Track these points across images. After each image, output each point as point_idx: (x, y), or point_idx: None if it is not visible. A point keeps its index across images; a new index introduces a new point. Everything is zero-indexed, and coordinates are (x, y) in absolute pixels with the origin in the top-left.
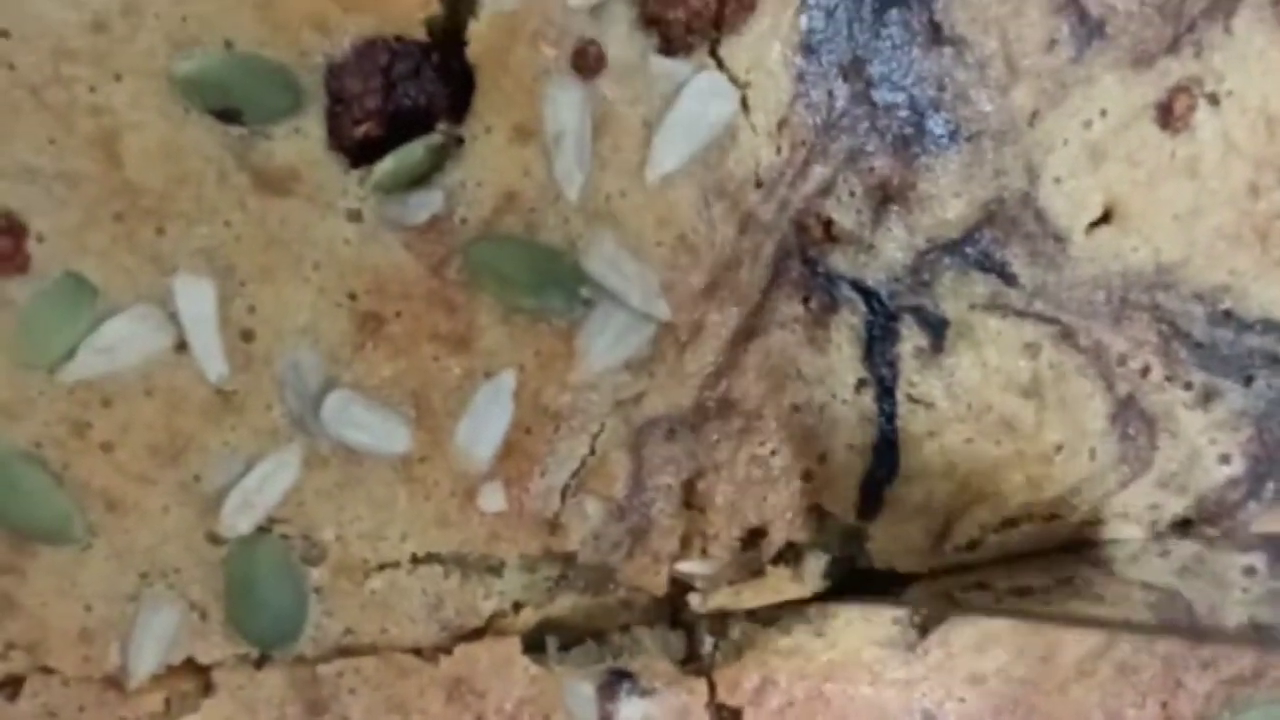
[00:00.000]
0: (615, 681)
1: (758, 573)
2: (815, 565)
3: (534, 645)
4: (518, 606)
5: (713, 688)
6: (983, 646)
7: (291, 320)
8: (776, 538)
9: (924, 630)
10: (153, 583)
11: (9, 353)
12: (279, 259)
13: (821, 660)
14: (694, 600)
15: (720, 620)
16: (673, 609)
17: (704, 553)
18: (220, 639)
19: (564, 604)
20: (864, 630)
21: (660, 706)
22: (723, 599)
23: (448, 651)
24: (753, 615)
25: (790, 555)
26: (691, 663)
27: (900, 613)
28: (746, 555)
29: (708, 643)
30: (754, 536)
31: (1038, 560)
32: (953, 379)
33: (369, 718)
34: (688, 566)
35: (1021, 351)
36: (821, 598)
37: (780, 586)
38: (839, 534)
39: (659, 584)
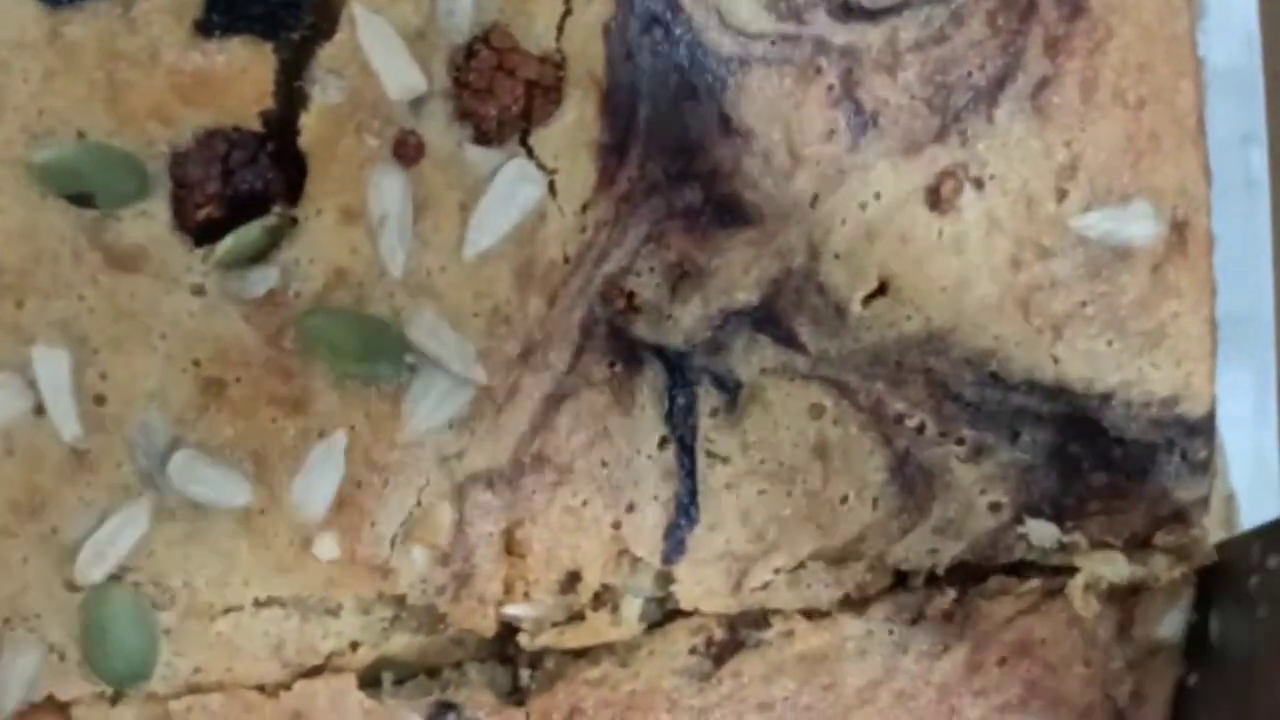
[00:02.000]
0: (441, 713)
1: (579, 615)
2: (630, 609)
3: (371, 681)
4: (355, 645)
5: (528, 717)
6: (770, 677)
7: (140, 386)
8: (591, 580)
9: (719, 661)
10: (15, 627)
11: None
12: (129, 330)
13: (625, 690)
14: (522, 640)
15: (540, 655)
16: (502, 647)
17: (526, 596)
18: (78, 678)
19: (399, 643)
20: (664, 661)
21: None
22: (547, 639)
23: (288, 688)
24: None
25: (609, 598)
26: (514, 695)
27: (698, 641)
28: (567, 598)
29: (524, 675)
30: (571, 580)
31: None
32: (747, 436)
33: None
34: (513, 610)
35: (808, 411)
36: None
37: (600, 629)
38: (652, 578)
39: (487, 626)
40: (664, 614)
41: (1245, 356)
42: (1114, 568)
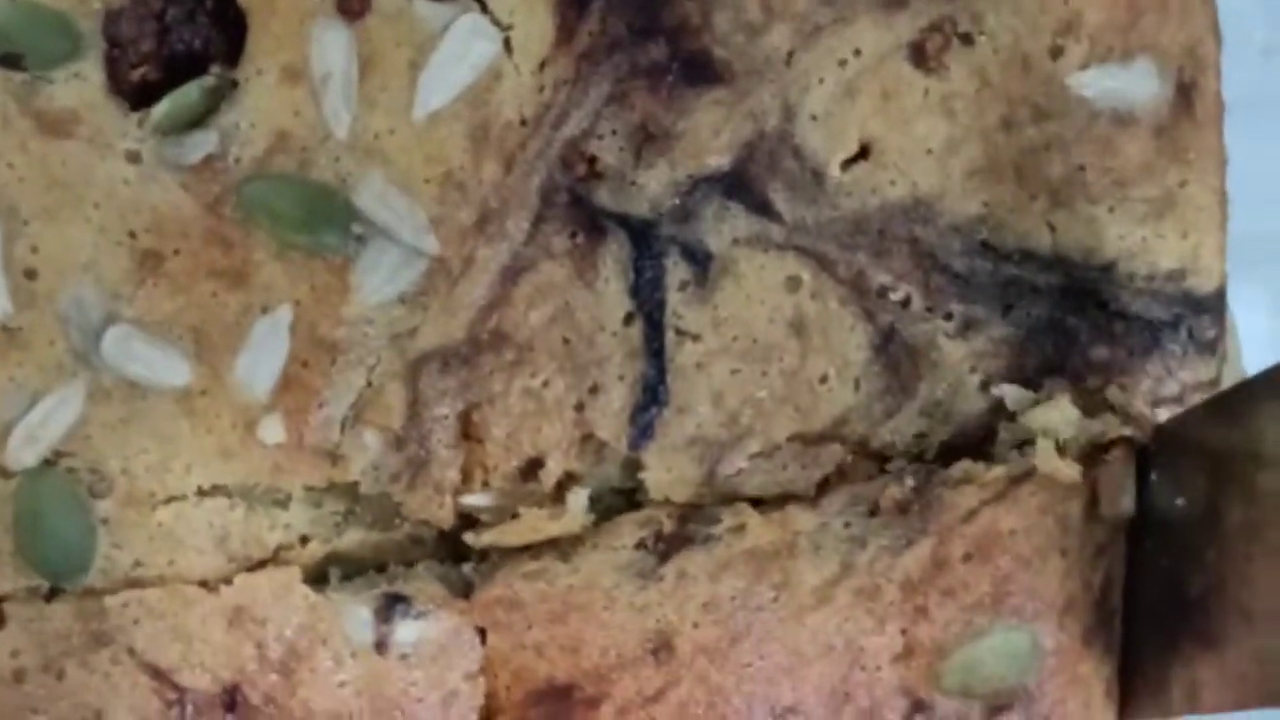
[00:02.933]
0: (390, 605)
1: (540, 504)
2: (576, 501)
3: (318, 578)
4: (304, 540)
5: (473, 610)
6: (718, 575)
7: (73, 258)
8: (554, 468)
9: (664, 557)
10: None
11: None
12: (61, 199)
13: (563, 584)
14: (468, 537)
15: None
16: (455, 547)
17: (485, 484)
18: (10, 571)
19: (351, 539)
20: (607, 556)
21: (434, 628)
22: (490, 536)
23: (229, 582)
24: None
25: (572, 486)
26: (466, 591)
27: (645, 535)
28: (528, 486)
29: (467, 567)
30: (533, 467)
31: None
32: (718, 311)
33: (152, 647)
34: (471, 499)
35: (784, 285)
36: None
37: (539, 524)
38: (619, 465)
39: (444, 517)
40: (630, 506)
41: (1261, 275)
42: (1064, 417)
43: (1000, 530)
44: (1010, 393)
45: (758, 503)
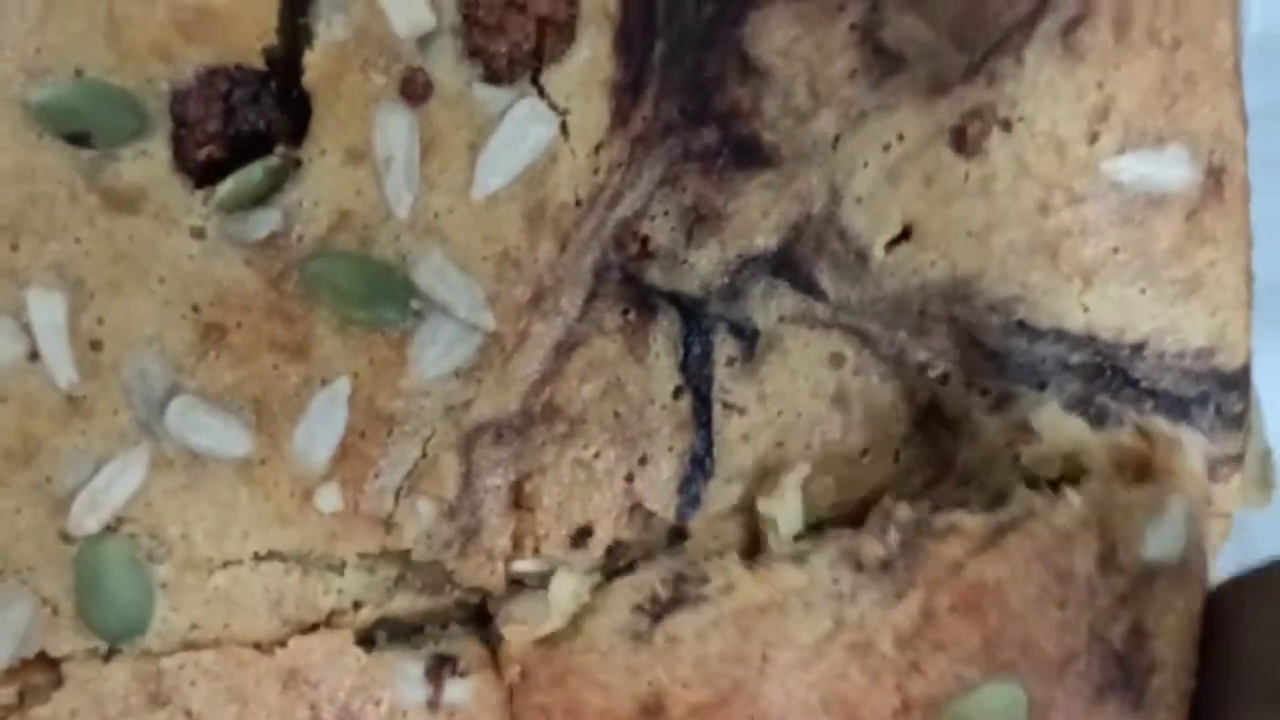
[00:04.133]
0: (440, 664)
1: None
2: (559, 588)
3: (364, 639)
4: (357, 605)
5: (500, 672)
6: (706, 635)
7: (138, 330)
8: (603, 535)
9: (656, 619)
10: (6, 579)
11: None
12: (126, 273)
13: (564, 647)
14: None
15: None
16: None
17: (536, 551)
18: (70, 633)
19: (401, 604)
20: (606, 619)
21: (482, 685)
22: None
23: (283, 644)
24: None
25: (622, 554)
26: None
27: (642, 598)
28: (578, 553)
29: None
30: (583, 535)
31: None
32: (764, 386)
33: (209, 708)
34: (523, 565)
35: (828, 361)
36: None
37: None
38: (666, 534)
39: (495, 583)
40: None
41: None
42: (1066, 428)
43: (987, 582)
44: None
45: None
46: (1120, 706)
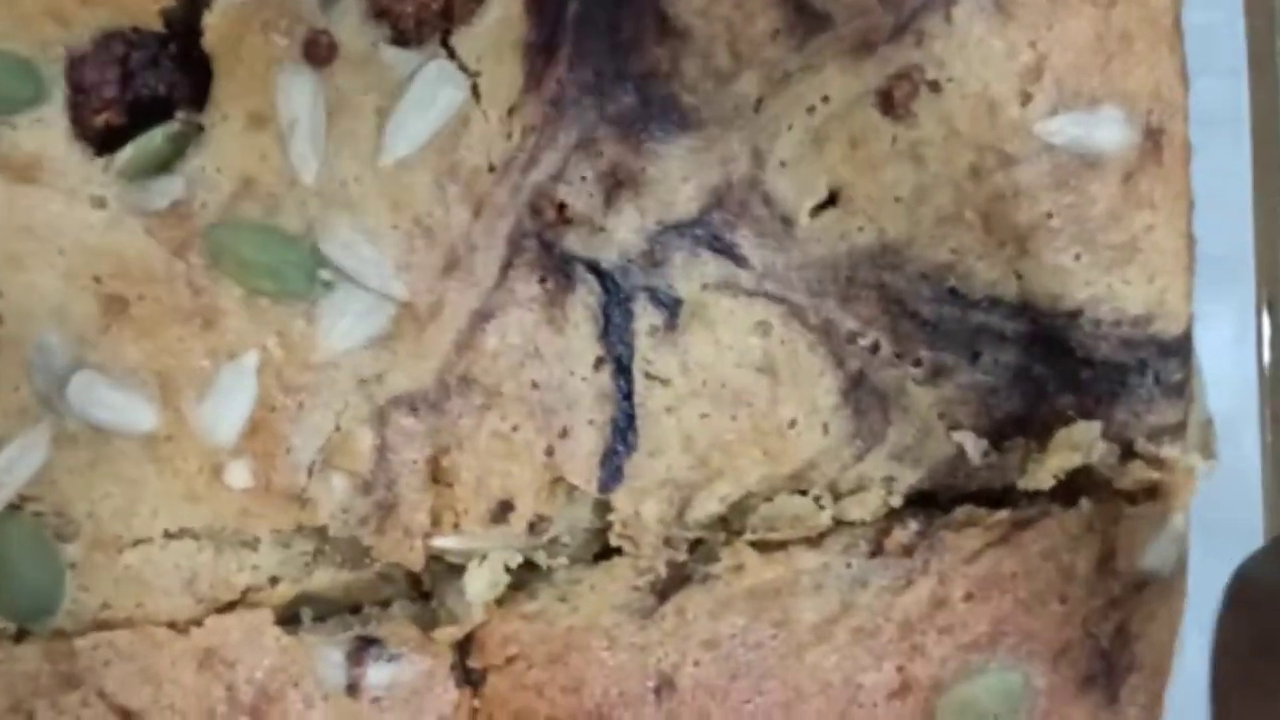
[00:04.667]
0: (363, 648)
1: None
2: (473, 581)
3: (289, 619)
4: (274, 580)
5: (464, 652)
6: (717, 613)
7: (39, 304)
8: (524, 510)
9: (663, 596)
10: None
11: None
12: (25, 246)
13: (563, 625)
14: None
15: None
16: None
17: (456, 527)
18: None
19: (321, 579)
20: (605, 596)
21: (408, 670)
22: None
23: (199, 624)
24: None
25: (543, 528)
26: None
27: (641, 579)
28: (498, 528)
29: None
30: (503, 510)
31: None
32: (687, 356)
33: (123, 689)
34: (443, 541)
35: (753, 330)
36: None
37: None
38: (590, 507)
39: (414, 560)
40: (602, 548)
41: (1225, 291)
42: (1086, 434)
43: (1002, 572)
44: (969, 441)
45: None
46: (1098, 699)
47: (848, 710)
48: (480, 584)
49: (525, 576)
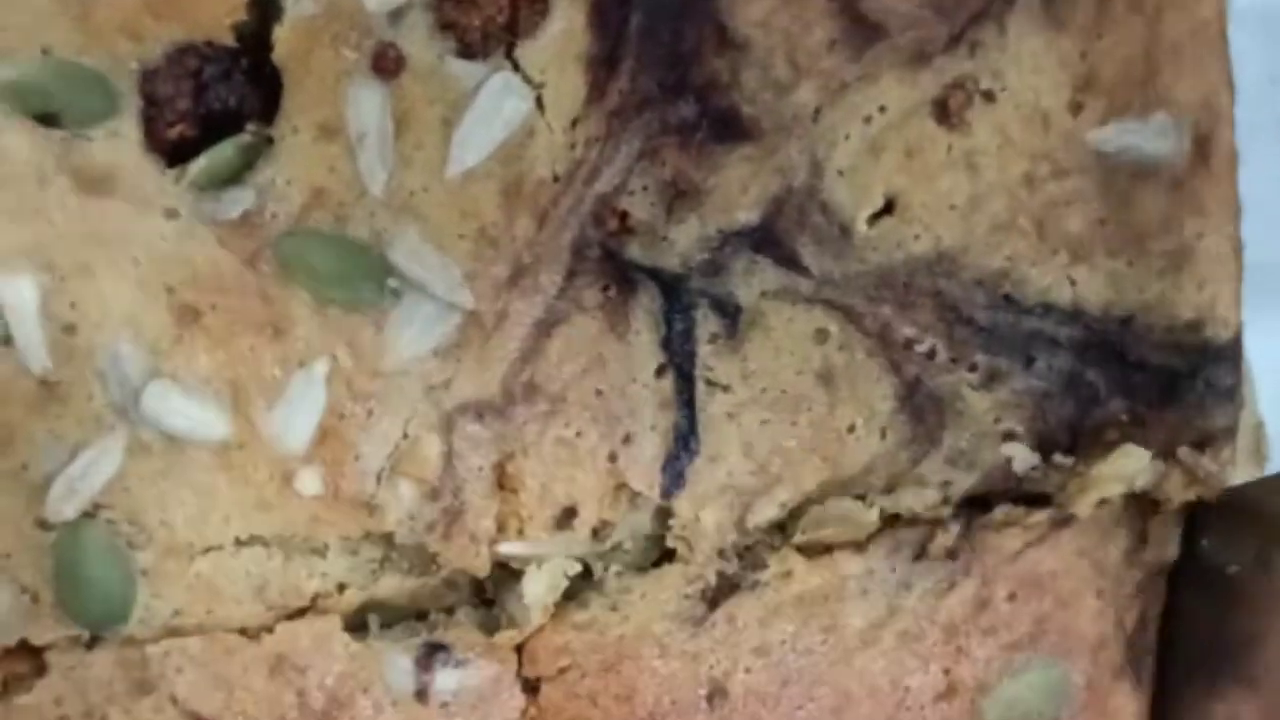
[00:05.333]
0: (431, 653)
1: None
2: (532, 584)
3: (357, 625)
4: (342, 587)
5: (520, 660)
6: (767, 620)
7: (112, 314)
8: (588, 516)
9: (713, 604)
10: None
11: None
12: (99, 255)
13: (614, 634)
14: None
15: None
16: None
17: (520, 533)
18: (52, 621)
19: (388, 585)
20: (656, 604)
21: (475, 676)
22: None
23: (270, 630)
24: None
25: (606, 534)
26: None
27: (691, 587)
28: (563, 534)
29: (520, 612)
30: (568, 516)
31: None
32: (747, 363)
33: (195, 695)
34: (508, 548)
35: (812, 337)
36: None
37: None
38: (651, 513)
39: (480, 565)
40: (661, 555)
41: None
42: (1136, 464)
43: (1042, 572)
44: (1019, 453)
45: (802, 550)
46: (1130, 685)
47: (896, 714)
48: (539, 588)
49: (577, 585)
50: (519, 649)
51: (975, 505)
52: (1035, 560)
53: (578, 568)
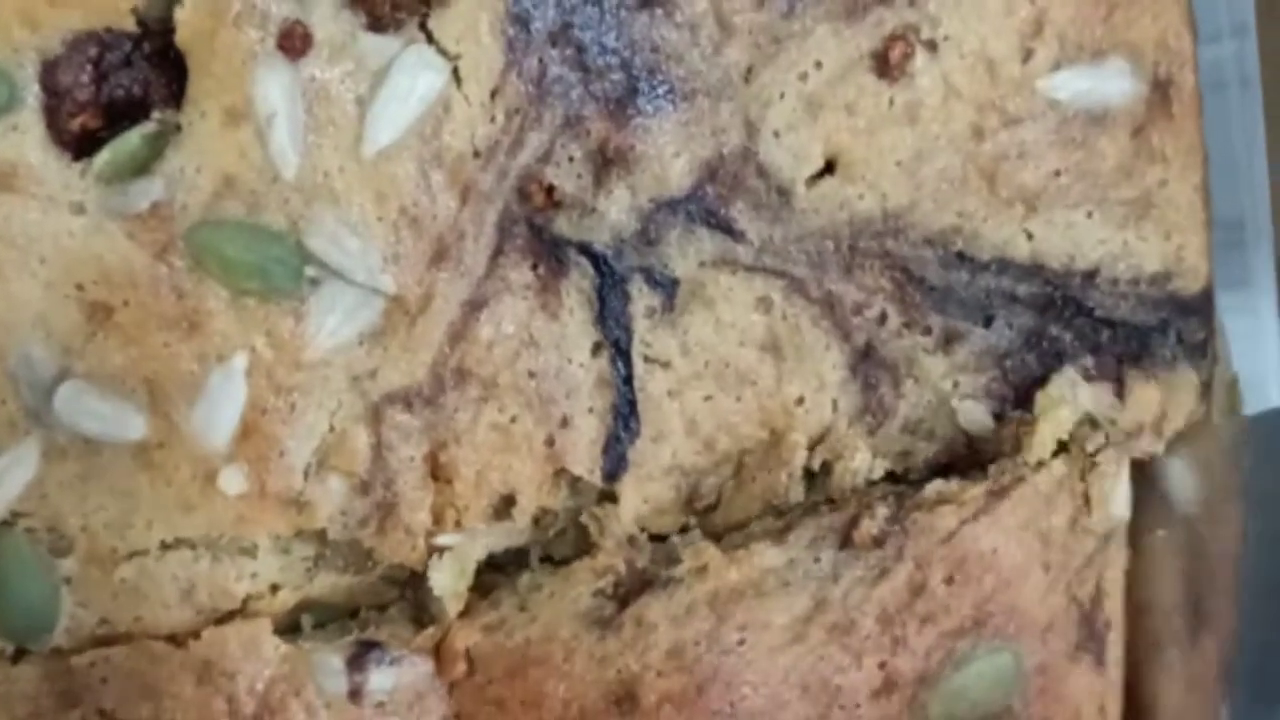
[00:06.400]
0: (364, 652)
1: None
2: (441, 573)
3: (290, 627)
4: (275, 588)
5: (437, 660)
6: (680, 620)
7: (20, 315)
8: (527, 505)
9: (623, 603)
10: None
11: None
12: (4, 256)
13: (520, 637)
14: (433, 577)
15: None
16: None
17: (458, 524)
18: None
19: (323, 584)
20: (565, 604)
21: (409, 673)
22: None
23: (197, 636)
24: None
25: (548, 522)
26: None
27: (602, 581)
28: (502, 524)
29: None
30: (506, 504)
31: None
32: (687, 337)
33: (122, 706)
34: (445, 539)
35: (754, 306)
36: None
37: None
38: (595, 498)
39: (417, 558)
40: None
41: (1240, 259)
42: (1067, 389)
43: (981, 549)
44: (973, 412)
45: (720, 538)
46: (1089, 665)
47: (828, 713)
48: (445, 577)
49: (491, 582)
50: (436, 649)
51: (907, 482)
52: (972, 538)
53: (482, 555)
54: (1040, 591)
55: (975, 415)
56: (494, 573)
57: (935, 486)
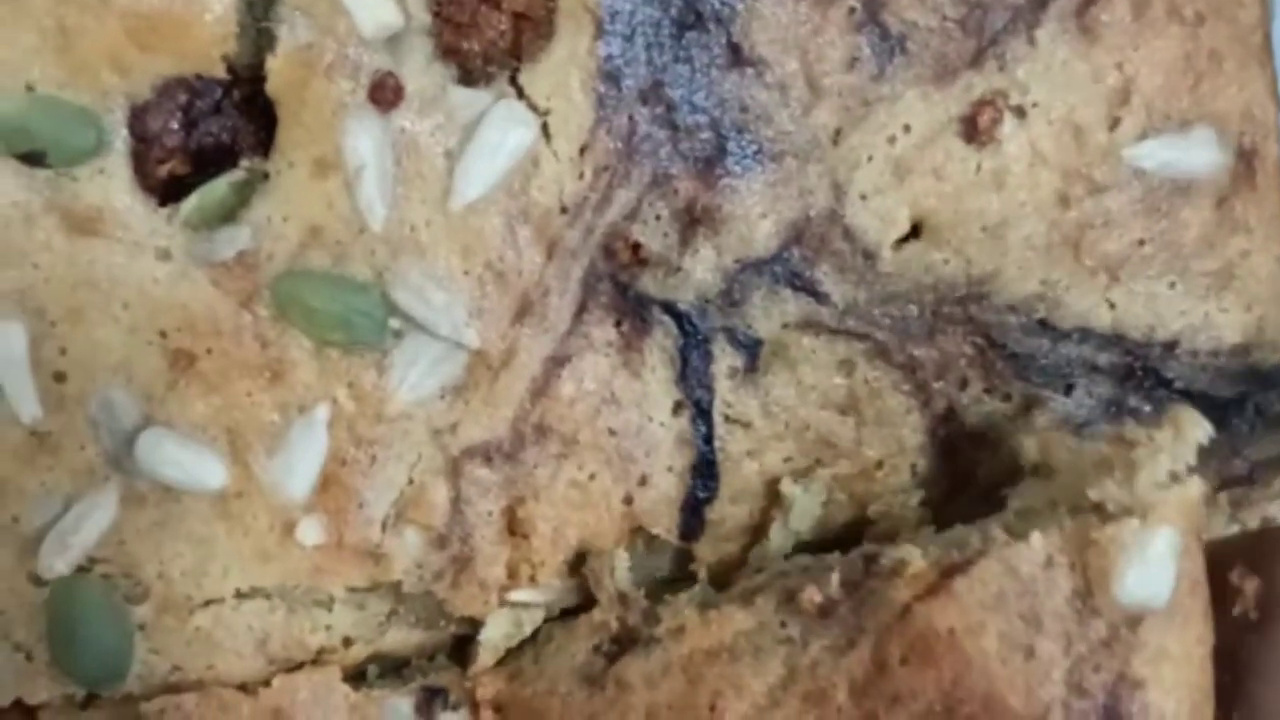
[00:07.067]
0: (430, 698)
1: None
2: (492, 628)
3: (355, 675)
4: (348, 641)
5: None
6: (655, 682)
7: (103, 360)
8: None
9: (611, 660)
10: None
11: None
12: (89, 299)
13: (529, 689)
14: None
15: None
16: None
17: (533, 580)
18: (47, 680)
19: (395, 638)
20: (566, 657)
21: (471, 716)
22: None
23: (267, 684)
24: None
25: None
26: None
27: (598, 636)
28: (575, 580)
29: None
30: (581, 561)
31: None
32: (768, 398)
33: None
34: (520, 595)
35: (836, 369)
36: None
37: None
38: (670, 557)
39: (490, 613)
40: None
41: None
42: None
43: (938, 629)
44: None
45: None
46: None
47: None
48: (497, 631)
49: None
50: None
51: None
52: (927, 616)
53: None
54: (1025, 679)
55: None
56: None
57: (891, 555)
